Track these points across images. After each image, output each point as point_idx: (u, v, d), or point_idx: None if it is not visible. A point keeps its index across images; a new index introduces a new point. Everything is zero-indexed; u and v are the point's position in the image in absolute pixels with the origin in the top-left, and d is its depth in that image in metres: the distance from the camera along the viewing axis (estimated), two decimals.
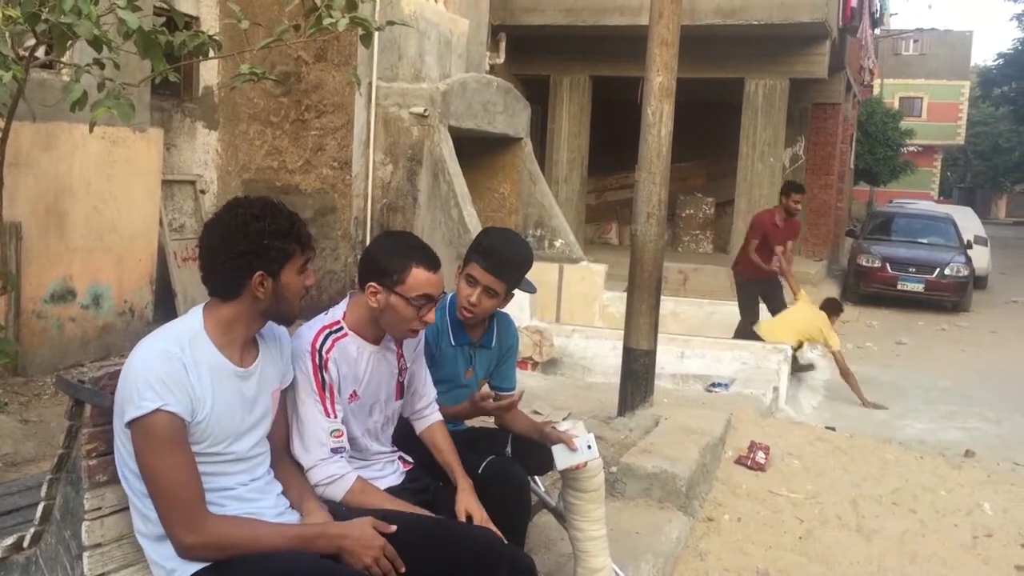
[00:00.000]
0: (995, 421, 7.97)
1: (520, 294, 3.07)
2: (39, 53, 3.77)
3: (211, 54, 3.94)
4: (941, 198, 43.28)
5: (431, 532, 2.25)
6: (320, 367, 2.33)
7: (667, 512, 3.96)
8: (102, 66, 3.57)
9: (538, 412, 5.30)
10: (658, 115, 5.08)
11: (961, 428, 7.70)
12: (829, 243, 17.55)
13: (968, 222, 18.04)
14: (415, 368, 2.65)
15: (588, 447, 2.79)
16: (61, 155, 5.53)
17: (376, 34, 4.28)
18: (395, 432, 2.68)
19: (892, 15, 31.22)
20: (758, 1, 12.45)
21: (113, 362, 2.10)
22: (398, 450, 2.67)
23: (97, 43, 3.43)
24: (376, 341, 2.47)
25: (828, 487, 4.72)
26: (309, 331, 2.38)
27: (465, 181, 8.28)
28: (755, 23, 12.55)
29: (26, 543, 2.13)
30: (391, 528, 2.14)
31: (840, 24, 14.03)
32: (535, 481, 3.18)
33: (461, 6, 10.08)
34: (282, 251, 2.05)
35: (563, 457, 2.79)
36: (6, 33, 3.42)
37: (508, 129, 9.68)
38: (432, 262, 2.41)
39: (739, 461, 4.84)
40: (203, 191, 7.82)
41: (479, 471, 2.61)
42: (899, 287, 14.43)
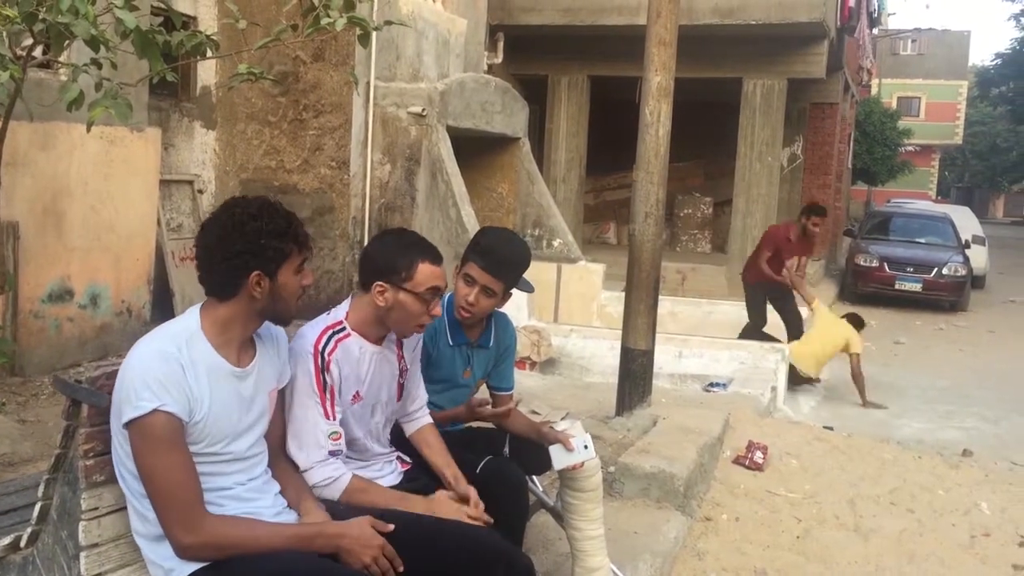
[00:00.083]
0: (993, 420, 7.98)
1: (518, 294, 3.07)
2: (36, 53, 3.76)
3: (209, 54, 3.94)
4: (939, 198, 43.32)
5: (429, 531, 2.24)
6: (322, 369, 2.33)
7: (665, 512, 3.96)
8: (99, 66, 3.56)
9: (536, 412, 5.30)
10: (656, 115, 5.09)
11: (959, 428, 7.71)
12: (827, 243, 17.55)
13: (966, 222, 18.04)
14: (412, 369, 2.66)
15: (585, 447, 2.80)
16: (59, 155, 5.52)
17: (374, 34, 4.28)
18: (392, 432, 2.68)
19: (890, 15, 31.28)
20: (756, 1, 12.43)
21: (110, 362, 2.10)
22: (396, 450, 2.67)
23: (94, 43, 3.42)
24: (378, 341, 2.48)
25: (826, 487, 4.73)
26: (312, 332, 2.38)
27: (463, 181, 8.28)
28: (753, 23, 12.54)
29: (23, 543, 2.13)
30: (389, 527, 2.14)
31: (838, 24, 14.03)
32: (533, 481, 3.18)
33: (459, 6, 10.07)
34: (279, 251, 2.05)
35: (560, 457, 2.80)
36: (3, 33, 3.42)
37: (506, 129, 9.68)
38: (436, 256, 2.44)
39: (737, 461, 4.85)
40: (201, 191, 7.81)
41: (477, 471, 2.61)
42: (897, 287, 14.44)
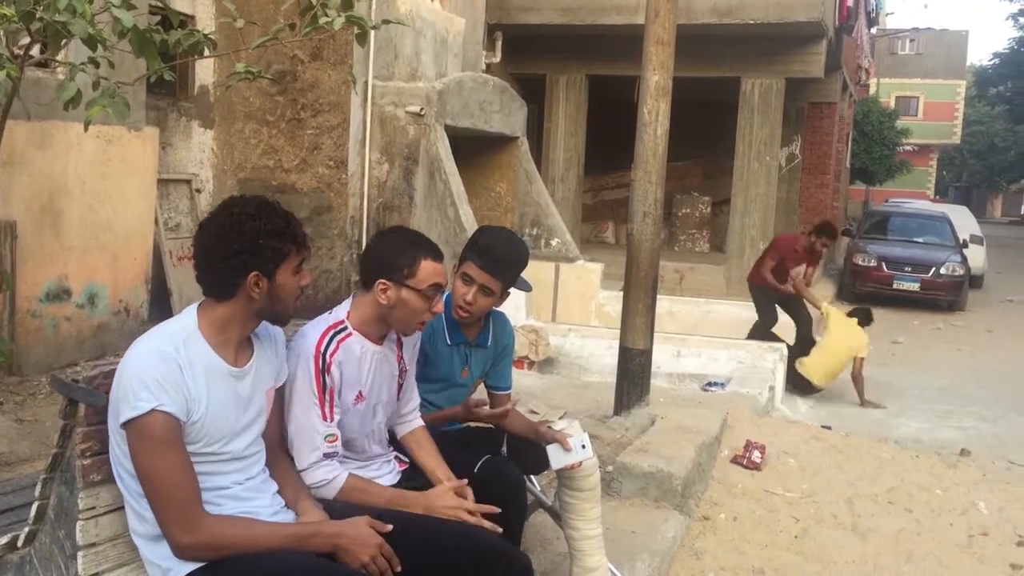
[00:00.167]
0: (991, 420, 7.99)
1: (516, 294, 3.07)
2: (34, 52, 3.76)
3: (206, 53, 3.93)
4: (937, 197, 43.34)
5: (428, 531, 2.24)
6: (323, 371, 2.33)
7: (663, 511, 3.96)
8: (97, 65, 3.56)
9: (534, 411, 5.30)
10: (654, 114, 5.09)
11: (957, 427, 7.72)
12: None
13: (964, 221, 18.06)
14: (410, 370, 2.65)
15: (583, 447, 2.80)
16: (56, 154, 5.51)
17: (372, 33, 4.27)
18: (389, 432, 2.68)
19: (888, 14, 31.31)
20: (754, 0, 12.45)
21: (107, 361, 2.09)
22: (394, 450, 2.67)
23: (92, 41, 3.42)
24: (379, 341, 2.47)
25: (824, 486, 4.73)
26: (313, 332, 2.37)
27: (461, 180, 8.28)
28: (751, 22, 12.55)
29: (20, 543, 2.13)
30: (387, 527, 2.13)
31: (836, 23, 14.05)
32: (531, 480, 3.18)
33: (457, 5, 10.06)
34: (277, 251, 2.05)
35: (558, 457, 2.79)
36: (0, 31, 3.41)
37: (504, 128, 9.67)
38: (437, 253, 2.46)
39: (735, 460, 4.85)
40: (199, 190, 7.80)
41: (475, 470, 2.61)
42: (895, 286, 14.45)
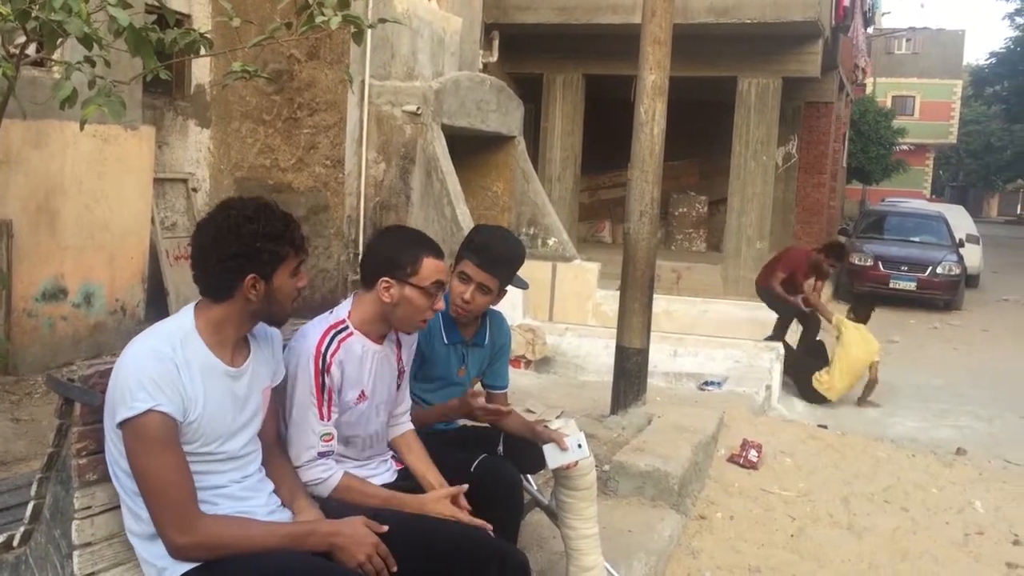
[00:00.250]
0: (987, 419, 8.00)
1: (513, 293, 3.07)
2: (29, 50, 3.75)
3: (203, 52, 3.92)
4: (933, 197, 43.40)
5: (424, 530, 2.24)
6: (322, 371, 2.32)
7: (660, 510, 3.97)
8: (93, 64, 3.55)
9: (531, 411, 5.30)
10: (651, 113, 5.09)
11: (953, 426, 7.73)
12: (821, 242, 17.55)
13: (960, 221, 18.07)
14: (407, 372, 2.65)
15: (579, 446, 2.80)
16: (52, 153, 5.50)
17: (368, 32, 4.27)
18: None
19: (884, 14, 31.28)
20: (750, 0, 12.46)
21: (103, 360, 2.09)
22: (391, 449, 2.67)
23: (88, 40, 3.41)
24: (380, 340, 2.47)
25: (820, 485, 4.73)
26: (314, 331, 2.37)
27: (458, 179, 8.28)
28: (748, 22, 12.55)
29: (16, 542, 2.13)
30: (383, 527, 2.13)
31: (833, 23, 14.05)
32: (527, 479, 3.18)
33: (454, 4, 10.06)
34: (275, 254, 2.04)
35: (554, 456, 2.79)
36: None
37: (501, 127, 9.68)
38: (438, 250, 2.48)
39: (731, 459, 4.85)
40: (195, 189, 7.80)
41: (471, 470, 2.61)
42: (891, 285, 14.45)
